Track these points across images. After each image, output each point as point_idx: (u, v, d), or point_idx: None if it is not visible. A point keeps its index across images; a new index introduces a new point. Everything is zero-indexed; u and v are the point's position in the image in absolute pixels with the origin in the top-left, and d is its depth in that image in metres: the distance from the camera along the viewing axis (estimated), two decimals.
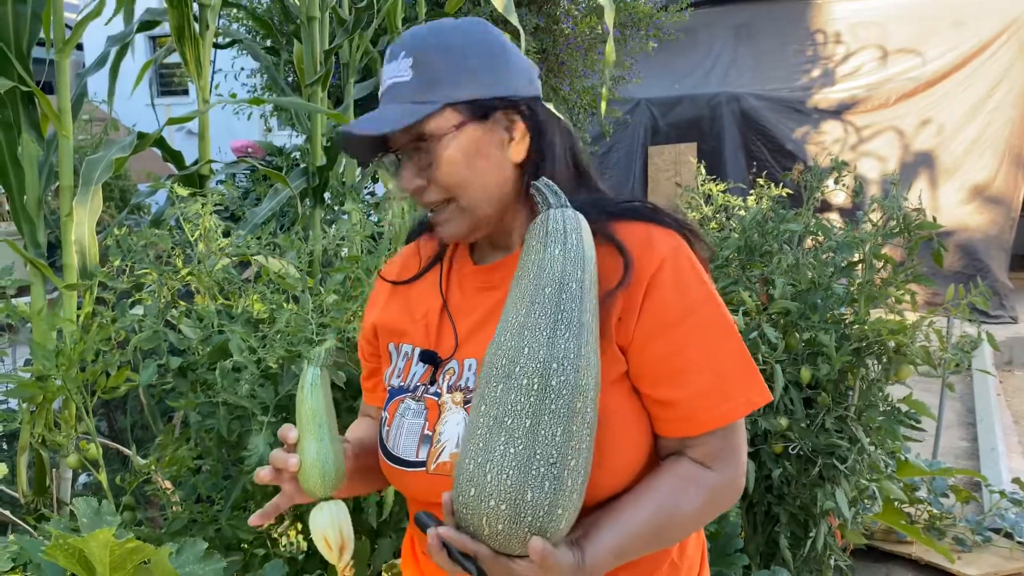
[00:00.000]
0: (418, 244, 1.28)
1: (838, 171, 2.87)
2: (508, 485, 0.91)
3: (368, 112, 1.09)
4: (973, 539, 2.91)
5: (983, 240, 6.98)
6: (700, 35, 8.03)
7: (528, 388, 0.93)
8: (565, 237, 0.99)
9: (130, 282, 2.13)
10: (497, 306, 1.10)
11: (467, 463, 0.94)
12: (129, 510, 2.30)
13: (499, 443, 0.92)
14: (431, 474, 1.07)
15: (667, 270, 1.04)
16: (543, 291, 0.97)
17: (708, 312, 1.05)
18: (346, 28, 3.43)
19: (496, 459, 0.92)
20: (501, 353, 0.96)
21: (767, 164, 7.27)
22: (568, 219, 1.01)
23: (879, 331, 2.34)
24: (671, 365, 1.02)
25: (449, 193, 1.07)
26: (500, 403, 0.93)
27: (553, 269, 0.97)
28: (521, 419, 0.92)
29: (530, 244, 1.01)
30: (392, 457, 1.12)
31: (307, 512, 2.04)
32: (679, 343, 1.03)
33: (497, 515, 0.91)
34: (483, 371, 0.98)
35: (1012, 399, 5.28)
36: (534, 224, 1.02)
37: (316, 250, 2.61)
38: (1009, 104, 7.07)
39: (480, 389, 0.97)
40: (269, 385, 1.84)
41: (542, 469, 0.91)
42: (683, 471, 1.05)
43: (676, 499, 1.02)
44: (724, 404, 1.03)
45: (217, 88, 6.83)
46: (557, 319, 0.95)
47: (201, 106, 2.75)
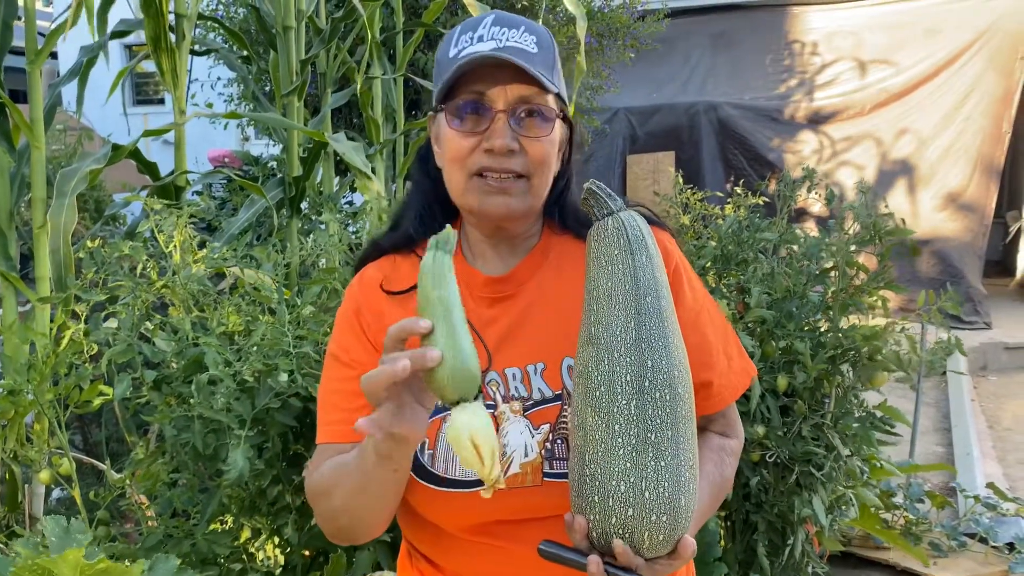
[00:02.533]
0: (393, 259, 1.24)
1: (810, 180, 2.90)
2: (666, 497, 0.94)
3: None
4: (949, 544, 2.94)
5: (957, 247, 7.06)
6: (677, 44, 8.08)
7: (663, 400, 0.96)
8: (646, 242, 1.01)
9: (104, 294, 2.11)
10: (522, 315, 1.14)
11: (616, 485, 0.94)
12: (103, 525, 2.28)
13: (649, 459, 0.94)
14: (500, 489, 1.05)
15: (680, 269, 1.16)
16: (645, 300, 0.98)
17: (710, 301, 1.21)
18: (322, 38, 3.43)
19: (651, 475, 0.94)
20: (621, 370, 0.96)
21: (745, 173, 7.32)
22: (641, 223, 1.02)
23: (853, 338, 2.36)
24: (702, 351, 1.14)
25: (531, 170, 1.09)
26: (639, 420, 0.95)
27: (647, 277, 0.99)
28: (664, 431, 0.95)
29: (611, 253, 1.00)
30: (442, 481, 1.08)
31: (284, 525, 2.04)
32: (702, 331, 1.16)
33: (659, 527, 0.95)
34: (590, 389, 0.98)
35: (986, 404, 5.34)
36: (605, 231, 1.01)
37: (293, 261, 2.60)
38: (980, 113, 7.17)
39: (596, 407, 0.96)
40: (245, 398, 1.82)
41: (687, 473, 0.96)
42: (715, 444, 1.20)
43: (720, 471, 1.17)
44: (736, 380, 1.20)
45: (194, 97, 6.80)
46: (664, 327, 0.98)
47: (177, 117, 2.74)
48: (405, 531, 1.24)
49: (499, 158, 1.07)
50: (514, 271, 1.17)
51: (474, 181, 1.09)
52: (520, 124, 1.07)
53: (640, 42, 6.66)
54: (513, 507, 1.08)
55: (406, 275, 1.20)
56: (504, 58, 1.03)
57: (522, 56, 1.06)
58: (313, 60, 3.41)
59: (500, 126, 1.06)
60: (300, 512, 1.96)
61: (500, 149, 1.06)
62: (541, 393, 1.11)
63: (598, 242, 1.01)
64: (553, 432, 1.09)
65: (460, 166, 1.10)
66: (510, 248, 1.19)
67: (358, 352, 1.16)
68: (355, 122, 5.84)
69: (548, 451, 1.08)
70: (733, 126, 7.63)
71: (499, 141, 1.06)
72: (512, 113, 1.07)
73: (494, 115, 1.07)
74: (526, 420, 1.10)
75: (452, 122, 1.09)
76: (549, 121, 1.09)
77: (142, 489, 2.15)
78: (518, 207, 1.10)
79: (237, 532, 2.04)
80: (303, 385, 1.77)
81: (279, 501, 1.98)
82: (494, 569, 1.12)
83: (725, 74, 8.06)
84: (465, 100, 1.08)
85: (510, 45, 1.06)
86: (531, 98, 1.07)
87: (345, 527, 1.09)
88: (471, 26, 1.10)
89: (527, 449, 1.08)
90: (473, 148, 1.08)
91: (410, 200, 1.26)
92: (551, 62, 1.10)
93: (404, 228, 1.24)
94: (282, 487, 1.97)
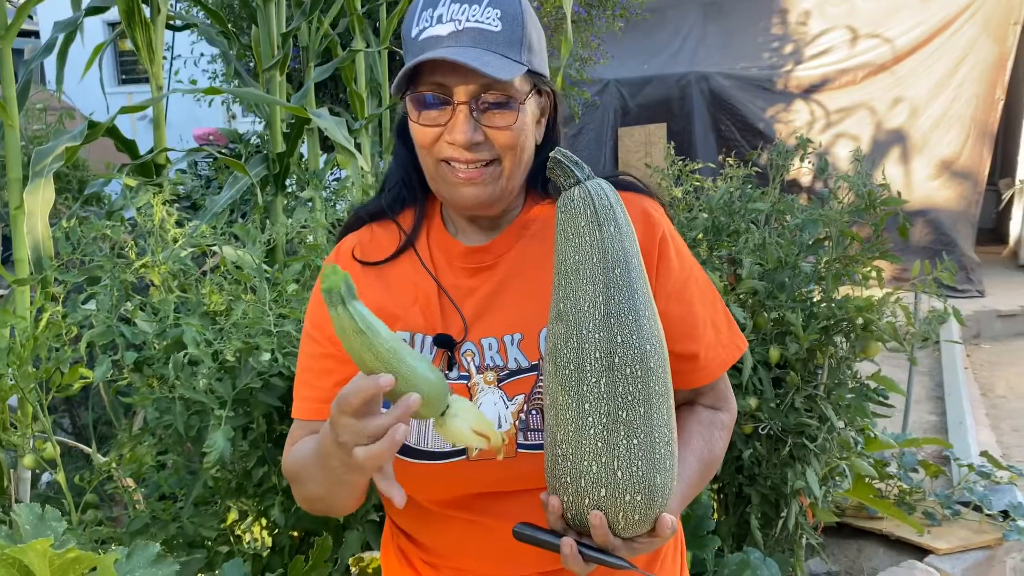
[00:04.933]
0: (371, 229, 1.22)
1: (803, 149, 2.86)
2: (640, 476, 0.92)
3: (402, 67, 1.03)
4: (943, 513, 2.93)
5: (950, 215, 7.03)
6: (668, 14, 7.99)
7: (634, 376, 0.92)
8: (614, 212, 0.97)
9: (82, 275, 2.06)
10: (501, 286, 1.12)
11: (588, 465, 0.92)
12: (92, 508, 2.25)
13: (620, 438, 0.92)
14: (473, 461, 1.05)
15: (667, 238, 1.13)
16: (614, 273, 0.94)
17: (699, 272, 1.18)
18: (304, 10, 3.35)
19: (623, 455, 0.92)
20: (590, 346, 0.93)
21: (737, 144, 7.27)
22: (608, 191, 0.98)
23: (847, 309, 2.33)
24: (687, 323, 1.13)
25: (501, 154, 1.05)
26: (609, 398, 0.92)
27: (615, 249, 0.95)
28: (635, 409, 0.92)
29: (577, 225, 0.96)
30: (418, 453, 1.07)
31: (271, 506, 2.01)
32: (688, 302, 1.13)
33: (634, 507, 0.93)
34: (560, 366, 0.95)
35: (979, 372, 5.34)
36: (571, 201, 0.97)
37: (279, 239, 2.55)
38: (974, 79, 7.11)
39: (566, 385, 0.94)
40: (227, 378, 1.79)
41: (663, 450, 0.94)
42: (704, 418, 1.18)
43: (710, 446, 1.15)
44: (725, 352, 1.18)
45: (177, 74, 6.70)
46: (635, 300, 0.94)
47: (155, 93, 2.68)
48: (386, 507, 1.24)
49: (462, 151, 1.04)
50: (494, 241, 1.15)
51: (442, 168, 1.06)
52: (483, 114, 1.03)
53: (630, 12, 6.57)
54: (487, 480, 1.07)
55: (383, 243, 1.19)
56: (456, 60, 0.98)
57: (483, 39, 1.01)
58: (295, 33, 3.34)
59: (461, 119, 1.02)
60: (287, 494, 1.93)
61: (461, 144, 1.03)
62: (517, 363, 1.09)
63: (564, 213, 0.97)
64: (528, 402, 1.07)
65: (427, 152, 1.07)
66: (490, 220, 1.16)
67: (329, 329, 1.13)
68: (340, 97, 5.76)
69: (522, 422, 1.06)
70: (725, 97, 7.56)
71: (460, 136, 1.02)
72: (475, 103, 1.03)
73: (455, 107, 1.03)
74: (500, 391, 1.08)
75: (414, 113, 1.05)
76: (513, 108, 1.04)
77: (128, 472, 2.12)
78: (489, 195, 1.07)
79: (223, 514, 2.02)
80: (285, 364, 1.73)
81: (265, 482, 1.95)
82: (471, 545, 1.11)
83: (716, 44, 7.98)
84: (425, 92, 1.04)
85: (470, 26, 1.02)
86: (493, 86, 1.02)
87: (321, 509, 1.11)
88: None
89: (500, 420, 1.06)
90: (437, 137, 1.05)
91: (391, 170, 1.24)
92: (518, 36, 1.04)
93: (381, 198, 1.22)
94: (268, 468, 1.94)
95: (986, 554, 2.76)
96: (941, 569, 2.66)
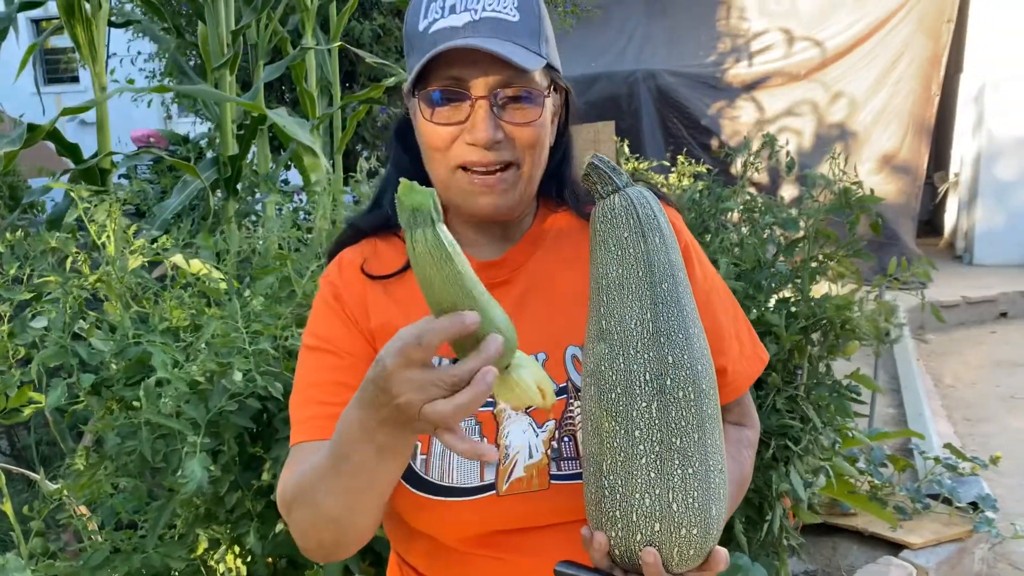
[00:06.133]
0: (373, 243, 1.11)
1: (771, 147, 2.84)
2: (697, 508, 0.84)
3: None
4: (913, 507, 2.95)
5: (892, 209, 7.18)
6: (613, 11, 7.99)
7: (687, 399, 0.85)
8: (659, 222, 0.89)
9: (29, 292, 1.91)
10: (520, 303, 1.03)
11: (640, 498, 0.84)
12: (39, 536, 2.10)
13: (675, 468, 0.84)
14: (502, 496, 0.96)
15: (689, 247, 1.07)
16: (661, 288, 0.87)
17: (719, 282, 1.12)
18: (254, 7, 3.21)
19: (678, 485, 0.84)
20: (639, 368, 0.85)
21: (685, 141, 7.31)
22: (652, 199, 0.90)
23: (825, 308, 2.32)
24: (714, 336, 1.02)
25: (521, 156, 0.96)
26: (661, 424, 0.84)
27: (661, 261, 0.87)
28: (690, 434, 0.85)
29: (620, 236, 0.88)
30: (439, 489, 0.96)
31: (245, 533, 1.89)
32: (714, 314, 1.06)
33: (690, 541, 0.85)
34: (604, 390, 0.86)
35: (929, 363, 5.45)
36: (612, 211, 0.89)
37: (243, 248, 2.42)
38: (911, 76, 7.28)
39: (612, 410, 0.85)
40: (196, 401, 1.66)
41: (717, 478, 0.86)
42: (732, 437, 1.10)
43: (740, 465, 1.08)
44: (751, 366, 1.11)
45: (112, 73, 6.41)
46: (684, 316, 0.87)
47: (98, 94, 2.52)
48: (394, 543, 1.13)
49: (483, 151, 0.94)
50: (508, 254, 1.06)
51: (458, 176, 0.97)
52: (504, 110, 0.95)
53: (581, 8, 6.53)
54: (518, 515, 0.98)
55: (388, 259, 1.08)
56: (479, 46, 0.90)
57: (501, 29, 0.93)
58: (244, 31, 3.20)
59: (481, 115, 0.93)
60: (262, 519, 1.81)
61: (484, 143, 0.93)
62: None
63: (605, 224, 0.89)
64: (559, 429, 0.99)
65: (441, 156, 0.97)
66: (502, 231, 1.07)
67: (343, 340, 1.03)
68: (288, 97, 5.59)
69: (555, 451, 0.98)
70: (672, 94, 7.59)
71: (482, 134, 0.93)
72: (494, 99, 0.94)
73: (474, 103, 0.94)
74: (528, 417, 0.99)
75: (426, 111, 0.95)
76: (537, 102, 0.96)
77: (81, 499, 1.98)
78: (508, 203, 0.98)
79: (193, 543, 1.89)
80: (262, 385, 1.62)
81: (238, 508, 1.83)
82: None
83: (662, 41, 8.01)
84: (440, 88, 0.94)
85: (487, 16, 0.93)
86: (514, 80, 0.93)
87: (328, 541, 0.92)
88: None
89: (531, 450, 0.97)
90: (453, 138, 0.95)
91: (389, 178, 1.13)
92: (536, 27, 0.96)
93: (384, 209, 1.11)
94: (241, 493, 1.82)
95: (958, 547, 2.78)
96: (916, 563, 2.67)
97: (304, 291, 1.85)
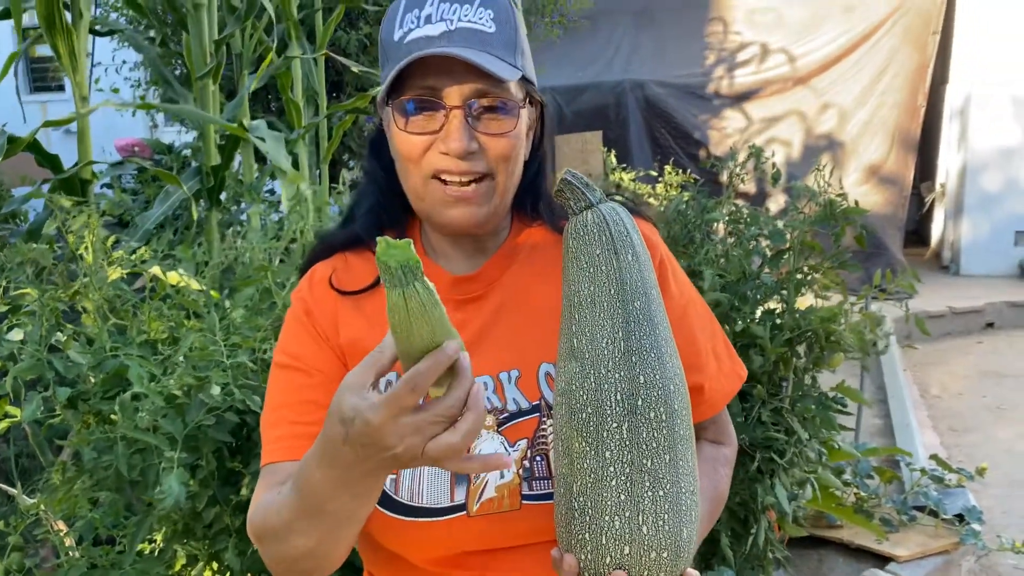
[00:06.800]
0: (344, 257, 1.10)
1: (757, 158, 2.84)
2: (667, 531, 0.83)
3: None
4: (899, 519, 2.95)
5: (879, 219, 7.19)
6: (601, 22, 8.01)
7: (659, 420, 0.84)
8: (632, 239, 0.88)
9: (5, 304, 1.88)
10: (493, 318, 1.01)
11: (610, 520, 0.82)
12: (17, 551, 2.07)
13: (646, 490, 0.83)
14: (473, 517, 0.94)
15: (665, 262, 1.06)
16: (633, 306, 0.85)
17: (698, 299, 1.11)
18: (238, 16, 3.20)
19: (648, 508, 0.82)
20: (610, 387, 0.83)
21: (672, 151, 7.32)
22: (624, 216, 0.89)
23: (810, 320, 2.31)
24: (690, 352, 1.02)
25: (495, 168, 0.95)
26: (632, 445, 0.83)
27: (634, 279, 0.86)
28: (661, 456, 0.83)
29: (592, 253, 0.87)
30: (409, 509, 0.95)
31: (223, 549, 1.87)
32: (690, 331, 1.05)
33: (660, 564, 0.84)
34: (575, 410, 0.84)
35: (916, 373, 5.46)
36: (584, 227, 0.88)
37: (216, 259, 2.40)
38: (897, 88, 7.32)
39: (583, 431, 0.84)
40: (173, 415, 1.64)
41: (688, 500, 0.85)
42: (708, 455, 1.10)
43: (716, 484, 1.07)
44: (728, 384, 1.10)
45: (98, 83, 6.38)
46: (657, 335, 0.86)
47: (79, 105, 2.49)
48: (367, 563, 1.11)
49: (457, 160, 0.93)
50: (483, 269, 1.05)
51: (432, 186, 0.96)
52: (479, 120, 0.94)
53: (568, 19, 6.54)
54: (489, 535, 0.96)
55: (360, 274, 1.06)
56: (455, 55, 0.89)
57: (477, 40, 0.92)
58: (228, 40, 3.18)
59: (456, 125, 0.92)
60: (240, 534, 1.79)
61: (457, 152, 0.93)
62: (516, 404, 0.99)
63: (577, 240, 0.88)
64: (532, 448, 0.97)
65: (414, 166, 0.96)
66: (476, 245, 1.06)
67: (314, 358, 1.01)
68: (274, 106, 5.57)
69: (526, 470, 0.96)
70: (660, 104, 7.60)
71: (456, 144, 0.92)
72: (468, 109, 0.93)
73: (448, 112, 0.93)
74: (500, 436, 0.97)
75: (399, 121, 0.95)
76: (512, 113, 0.95)
77: (59, 514, 1.95)
78: (482, 214, 0.97)
79: (171, 559, 1.86)
80: (240, 399, 1.60)
81: (216, 523, 1.81)
82: None
83: (650, 52, 8.03)
84: (414, 97, 0.93)
85: (463, 26, 0.92)
86: (489, 90, 0.93)
87: (302, 568, 0.92)
88: (417, 0, 0.95)
89: (502, 471, 0.95)
90: (427, 148, 0.94)
91: (363, 192, 1.12)
92: (512, 39, 0.96)
93: (355, 222, 1.10)
94: (219, 508, 1.80)
95: (944, 559, 2.78)
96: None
97: (284, 303, 1.83)
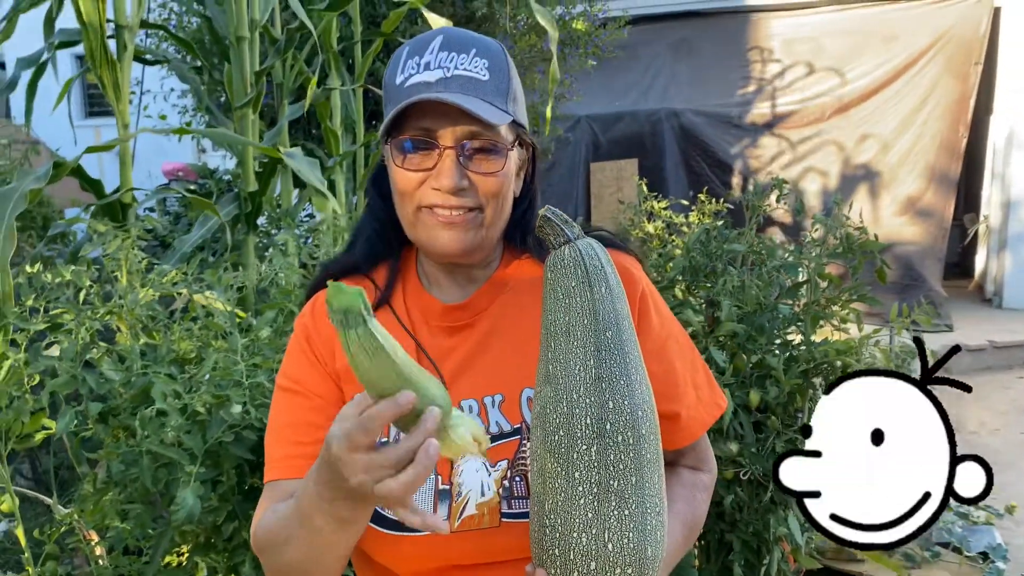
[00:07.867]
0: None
1: (779, 189, 2.86)
2: (631, 549, 0.88)
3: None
4: (922, 555, 2.91)
5: (918, 251, 7.12)
6: (639, 51, 8.07)
7: (626, 443, 0.89)
8: (605, 272, 0.94)
9: (45, 322, 1.99)
10: (481, 345, 1.08)
11: (577, 537, 0.88)
12: (52, 559, 2.15)
13: (612, 508, 0.88)
14: (455, 533, 1.01)
15: (647, 295, 1.12)
16: (605, 336, 0.92)
17: (678, 330, 1.16)
18: (278, 48, 3.33)
19: (614, 526, 0.88)
20: (580, 411, 0.90)
21: (707, 179, 7.32)
22: (600, 251, 0.96)
23: (827, 352, 2.32)
24: (668, 382, 1.09)
25: (484, 202, 1.03)
26: (600, 466, 0.89)
27: (607, 310, 0.92)
28: (627, 477, 0.89)
29: (568, 285, 0.93)
30: (396, 524, 1.01)
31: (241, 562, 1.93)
32: (669, 361, 1.11)
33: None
34: (548, 432, 0.91)
35: (950, 408, 5.33)
36: (562, 261, 0.95)
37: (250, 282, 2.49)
38: (937, 117, 7.25)
39: (555, 452, 0.90)
40: (196, 431, 1.72)
41: (653, 520, 0.90)
42: (687, 480, 1.16)
43: (693, 509, 1.13)
44: (706, 412, 1.15)
45: (146, 109, 6.62)
46: (627, 364, 0.92)
47: (121, 132, 2.62)
48: (358, 571, 1.17)
49: (447, 196, 1.02)
50: (472, 298, 1.12)
51: (423, 215, 1.04)
52: (470, 160, 1.02)
53: (602, 50, 6.62)
54: (470, 551, 1.02)
55: None
56: (449, 100, 0.97)
57: (471, 87, 1.01)
58: (269, 71, 3.31)
59: (448, 164, 1.01)
60: None
61: (448, 189, 1.01)
62: (499, 427, 1.05)
63: (554, 273, 0.95)
64: (512, 468, 1.03)
65: (408, 199, 1.04)
66: (467, 275, 1.13)
67: (312, 382, 1.09)
68: (314, 133, 5.72)
69: (506, 490, 1.02)
70: (695, 132, 7.63)
71: (447, 181, 1.00)
72: (461, 149, 1.01)
73: (441, 152, 1.01)
74: (481, 457, 1.03)
75: (397, 158, 1.03)
76: (501, 154, 1.03)
77: (91, 524, 2.04)
78: (470, 242, 1.04)
79: (192, 571, 1.93)
80: (257, 417, 1.67)
81: (235, 537, 1.88)
82: None
83: (686, 81, 8.06)
84: (410, 137, 1.02)
85: (458, 74, 1.01)
86: (481, 133, 1.01)
87: None
88: (418, 48, 1.03)
89: (483, 488, 1.02)
90: (421, 183, 1.03)
91: (364, 222, 1.20)
92: (504, 87, 1.04)
93: (356, 251, 1.18)
94: (238, 523, 1.87)
95: None
96: None
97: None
